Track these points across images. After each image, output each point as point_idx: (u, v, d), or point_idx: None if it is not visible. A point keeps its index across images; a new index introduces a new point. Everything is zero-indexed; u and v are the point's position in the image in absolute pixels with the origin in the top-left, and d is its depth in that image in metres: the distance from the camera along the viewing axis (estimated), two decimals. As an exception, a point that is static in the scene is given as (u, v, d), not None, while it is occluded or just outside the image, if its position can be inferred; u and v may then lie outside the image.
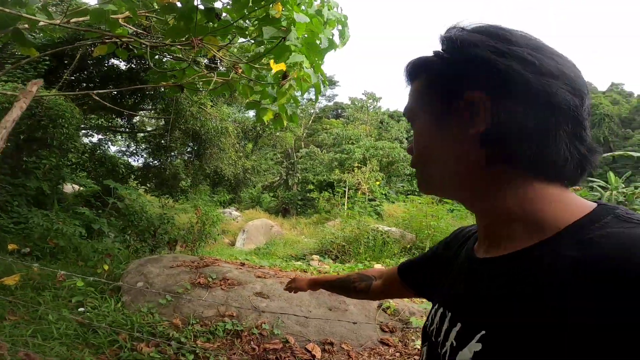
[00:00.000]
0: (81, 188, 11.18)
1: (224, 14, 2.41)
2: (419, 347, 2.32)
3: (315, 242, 9.30)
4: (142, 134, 12.05)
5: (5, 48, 7.71)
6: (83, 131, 10.36)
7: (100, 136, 11.57)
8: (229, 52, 3.50)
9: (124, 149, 12.83)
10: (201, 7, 2.23)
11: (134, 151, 12.10)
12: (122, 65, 9.68)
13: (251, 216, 16.40)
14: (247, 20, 2.70)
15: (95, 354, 2.42)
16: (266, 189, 21.40)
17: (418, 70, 0.52)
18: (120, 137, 12.68)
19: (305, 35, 2.73)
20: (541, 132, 0.41)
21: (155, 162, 11.40)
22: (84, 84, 9.50)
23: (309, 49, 2.54)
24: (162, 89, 7.07)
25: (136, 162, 12.16)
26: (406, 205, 14.34)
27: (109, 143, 12.63)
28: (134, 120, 11.39)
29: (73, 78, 9.28)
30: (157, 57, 3.85)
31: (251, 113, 16.47)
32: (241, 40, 3.18)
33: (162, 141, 10.67)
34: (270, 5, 2.34)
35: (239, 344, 2.59)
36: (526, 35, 0.46)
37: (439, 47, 0.49)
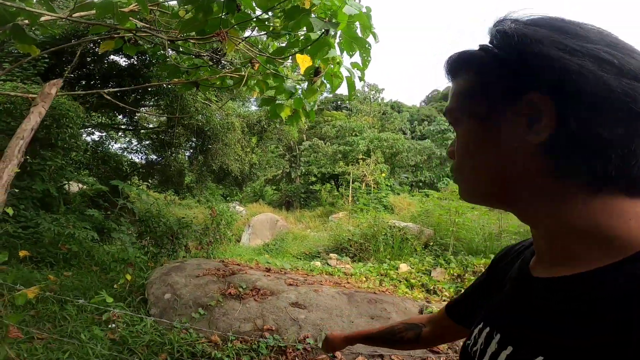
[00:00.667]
0: (85, 187, 10.97)
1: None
2: None
3: (326, 237, 9.16)
4: (144, 131, 11.83)
5: (1, 46, 7.39)
6: (84, 129, 10.13)
7: (101, 133, 11.34)
8: (245, 45, 3.30)
9: (125, 146, 12.57)
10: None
11: (137, 148, 11.88)
12: (123, 62, 9.57)
13: (255, 210, 16.24)
14: (268, 12, 2.50)
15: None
16: (269, 182, 21.25)
17: (462, 67, 0.47)
18: (121, 134, 12.43)
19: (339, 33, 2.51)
20: (618, 143, 0.35)
21: (159, 158, 11.26)
22: (84, 82, 9.29)
23: (356, 43, 2.33)
24: (170, 86, 6.82)
25: (139, 159, 11.96)
26: (413, 198, 14.23)
27: (111, 140, 12.40)
28: (136, 117, 11.20)
29: (73, 75, 9.08)
30: (161, 52, 3.61)
31: (253, 107, 16.23)
32: (248, 33, 2.97)
33: (166, 137, 10.52)
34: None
35: (284, 362, 2.44)
36: (599, 29, 0.39)
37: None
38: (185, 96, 9.15)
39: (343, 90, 2.71)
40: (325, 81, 2.76)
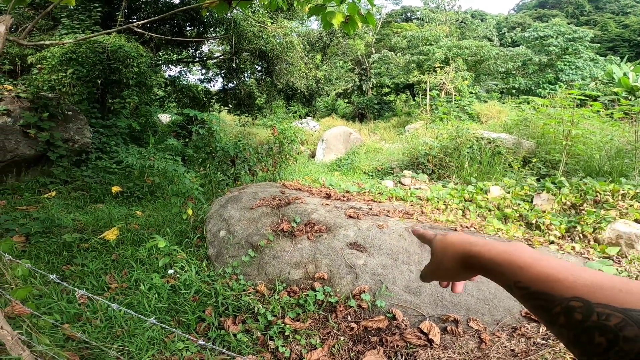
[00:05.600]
0: (173, 118, 11.55)
1: None
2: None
3: (400, 150, 8.21)
4: (213, 61, 11.68)
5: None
6: (159, 66, 10.36)
7: (178, 69, 11.61)
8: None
9: (201, 77, 12.66)
10: None
11: (209, 77, 11.88)
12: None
13: (328, 124, 15.64)
14: None
15: (187, 332, 2.02)
16: (340, 96, 20.17)
17: None
18: (195, 67, 12.49)
19: None
20: None
21: (230, 84, 11.25)
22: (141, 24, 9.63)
23: None
24: (207, 9, 6.13)
25: (213, 87, 12.02)
26: (504, 106, 11.90)
27: (188, 73, 12.55)
28: (201, 50, 11.06)
29: (135, 19, 9.07)
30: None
31: (314, 25, 14.65)
32: None
33: (233, 64, 10.30)
34: None
35: (334, 321, 1.96)
36: None
37: None
38: (239, 22, 8.62)
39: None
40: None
